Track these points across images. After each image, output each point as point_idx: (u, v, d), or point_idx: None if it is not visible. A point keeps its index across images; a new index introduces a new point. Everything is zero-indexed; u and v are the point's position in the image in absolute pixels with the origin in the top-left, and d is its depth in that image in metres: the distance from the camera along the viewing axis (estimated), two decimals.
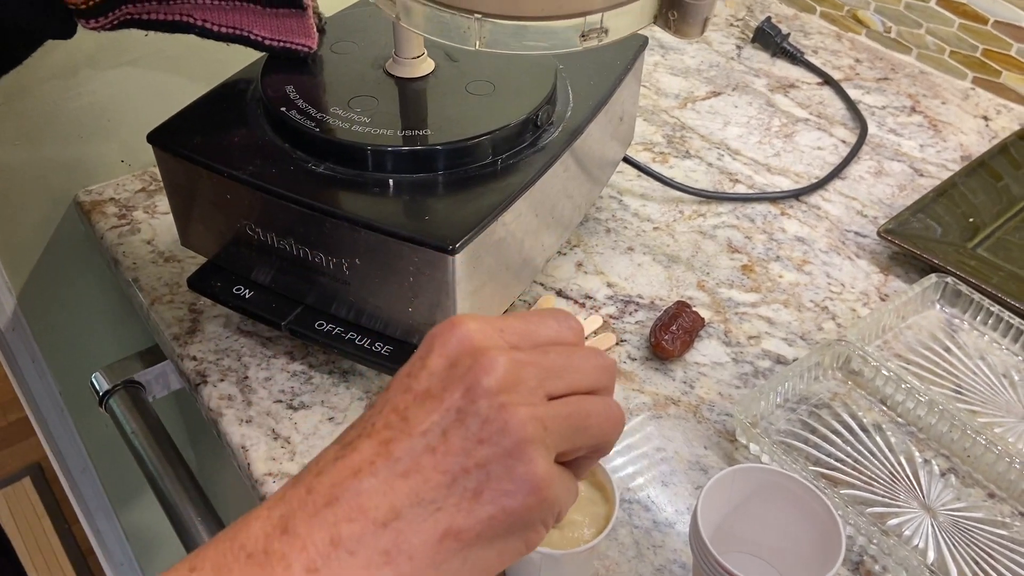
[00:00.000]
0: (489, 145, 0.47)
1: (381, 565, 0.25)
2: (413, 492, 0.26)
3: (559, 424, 0.27)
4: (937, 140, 0.72)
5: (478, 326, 0.28)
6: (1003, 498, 0.46)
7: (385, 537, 0.25)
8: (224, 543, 0.26)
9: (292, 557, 0.25)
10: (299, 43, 0.50)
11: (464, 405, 0.26)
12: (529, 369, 0.27)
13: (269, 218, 0.47)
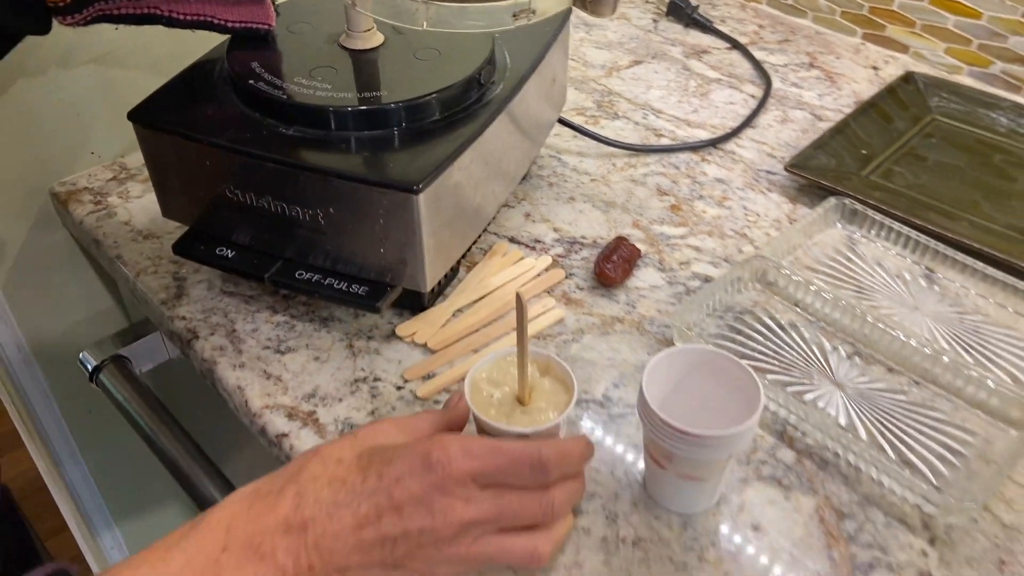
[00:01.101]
0: (439, 102, 0.54)
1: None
2: (360, 563, 0.38)
3: (474, 564, 0.39)
4: (833, 89, 0.81)
5: (461, 475, 0.38)
6: (900, 371, 0.54)
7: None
8: (243, 539, 0.36)
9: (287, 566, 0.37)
10: (259, 23, 0.56)
11: (416, 538, 0.37)
12: (477, 522, 0.38)
13: (247, 180, 0.52)
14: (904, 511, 0.46)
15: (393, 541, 0.38)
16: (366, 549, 0.38)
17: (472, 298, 0.59)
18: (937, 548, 0.45)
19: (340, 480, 0.38)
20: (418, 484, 0.38)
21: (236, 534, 0.37)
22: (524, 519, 0.40)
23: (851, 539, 0.45)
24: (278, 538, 0.37)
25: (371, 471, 0.38)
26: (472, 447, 0.39)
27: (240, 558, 0.36)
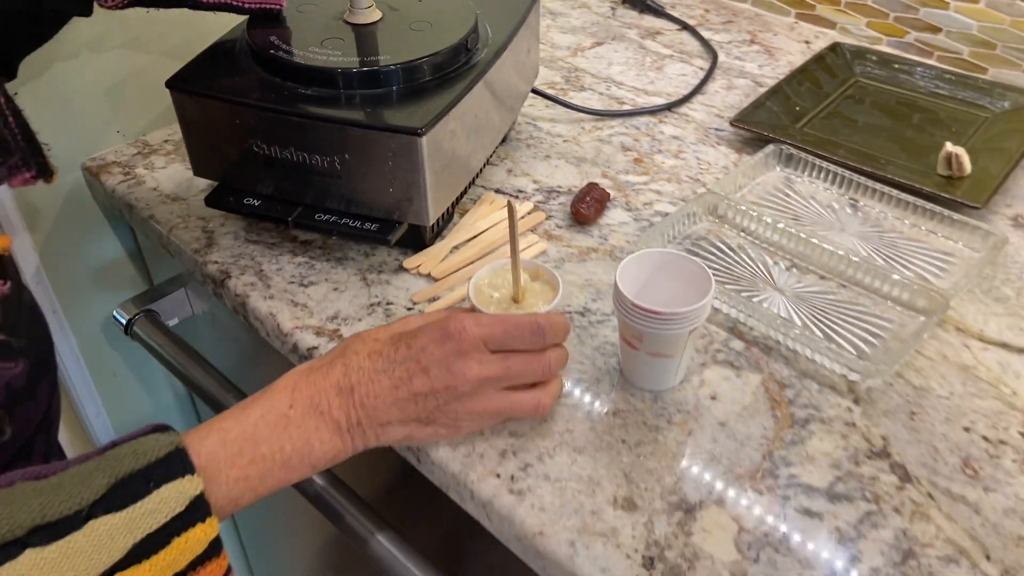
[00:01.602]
0: (432, 65, 0.63)
1: (371, 437, 0.47)
2: (398, 417, 0.47)
3: (490, 414, 0.50)
4: (771, 61, 0.92)
5: (473, 340, 0.47)
6: (830, 278, 0.64)
7: (379, 429, 0.47)
8: (306, 399, 0.46)
9: (341, 422, 0.46)
10: (273, 3, 0.65)
11: (442, 394, 0.47)
12: (489, 380, 0.48)
13: (272, 134, 0.61)
14: (833, 380, 0.56)
15: (424, 397, 0.47)
16: (401, 405, 0.47)
17: (466, 237, 0.69)
18: (860, 405, 0.55)
19: (377, 353, 0.48)
20: (439, 350, 0.47)
21: (299, 395, 0.46)
22: (527, 376, 0.49)
23: (791, 402, 0.55)
24: (332, 398, 0.46)
25: (401, 344, 0.48)
26: (481, 319, 0.48)
27: (304, 413, 0.45)
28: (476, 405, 0.48)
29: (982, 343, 0.59)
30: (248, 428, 0.44)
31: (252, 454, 0.43)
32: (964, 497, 0.49)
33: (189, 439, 0.42)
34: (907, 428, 0.53)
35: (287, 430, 0.45)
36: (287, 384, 0.46)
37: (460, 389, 0.47)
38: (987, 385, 0.56)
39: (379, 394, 0.47)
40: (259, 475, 0.43)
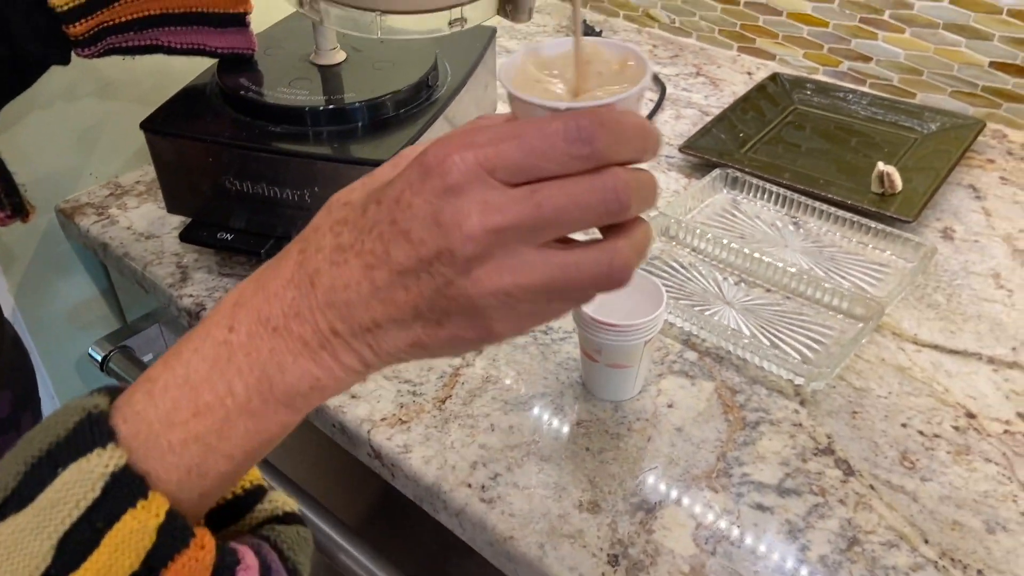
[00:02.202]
0: (394, 102, 0.67)
1: (361, 350, 0.31)
2: (388, 315, 0.30)
3: (528, 295, 0.29)
4: (716, 91, 0.98)
5: (467, 168, 0.28)
6: (775, 291, 0.68)
7: (368, 337, 0.31)
8: (252, 314, 0.31)
9: (306, 336, 0.30)
10: (244, 48, 0.68)
11: (437, 267, 0.28)
12: (509, 232, 0.28)
13: (245, 170, 0.64)
14: (780, 384, 0.60)
15: (414, 276, 0.29)
16: (385, 295, 0.30)
17: None
18: (806, 407, 0.58)
19: (342, 222, 0.31)
20: (420, 197, 0.29)
21: (244, 310, 0.31)
22: (582, 213, 0.29)
23: (742, 407, 0.59)
24: (287, 302, 0.30)
25: (371, 201, 0.30)
26: (477, 135, 0.29)
27: (251, 333, 0.30)
28: (500, 279, 0.29)
29: (916, 346, 0.63)
30: (180, 372, 0.31)
31: (193, 405, 0.30)
32: (903, 487, 0.53)
33: (117, 402, 0.31)
34: (849, 426, 0.57)
35: (231, 363, 0.30)
36: (231, 296, 0.32)
37: (461, 252, 0.28)
38: (921, 384, 0.60)
39: (349, 282, 0.30)
40: (214, 431, 0.30)
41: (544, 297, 0.29)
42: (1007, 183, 0.80)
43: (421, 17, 0.63)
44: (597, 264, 0.29)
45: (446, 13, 0.63)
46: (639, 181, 0.30)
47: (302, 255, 0.31)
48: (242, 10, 0.66)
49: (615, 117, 0.29)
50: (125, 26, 0.62)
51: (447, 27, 0.63)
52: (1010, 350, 0.62)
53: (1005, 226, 0.74)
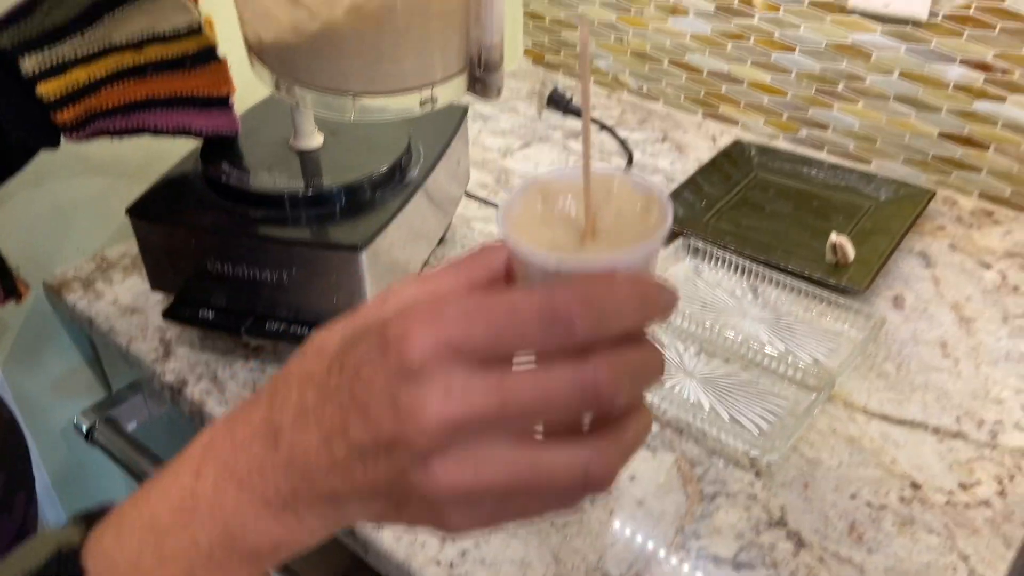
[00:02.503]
0: (370, 185, 0.70)
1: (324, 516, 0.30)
2: (347, 488, 0.28)
3: (489, 495, 0.26)
4: (681, 157, 1.02)
5: (429, 349, 0.25)
6: (734, 361, 0.72)
7: (329, 506, 0.29)
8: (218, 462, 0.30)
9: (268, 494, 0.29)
10: (227, 129, 0.71)
11: (393, 452, 0.26)
12: (471, 425, 0.25)
13: (226, 253, 0.67)
14: (737, 456, 0.63)
15: (372, 456, 0.27)
16: (343, 470, 0.28)
17: None
18: (761, 479, 0.61)
19: (309, 377, 0.29)
20: (379, 374, 0.26)
21: (212, 456, 0.30)
22: (555, 409, 0.26)
23: (700, 479, 0.61)
24: (252, 454, 0.29)
25: (336, 361, 0.28)
26: (445, 309, 0.26)
27: (216, 483, 0.30)
28: (459, 476, 0.26)
29: (866, 416, 0.66)
30: (146, 514, 0.30)
31: (158, 552, 0.29)
32: (851, 559, 0.56)
33: (90, 537, 0.30)
34: (801, 498, 0.60)
35: (195, 512, 0.29)
36: (203, 438, 0.31)
37: (418, 444, 0.26)
38: (870, 454, 0.63)
39: (309, 449, 0.28)
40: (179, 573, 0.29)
41: (509, 498, 0.27)
42: (956, 250, 0.84)
43: (393, 98, 0.65)
44: (569, 469, 0.26)
45: (417, 94, 0.65)
46: (633, 366, 0.26)
47: (270, 404, 0.30)
48: (225, 92, 0.68)
49: (604, 291, 0.26)
50: (112, 111, 0.64)
51: (418, 107, 0.65)
52: (954, 420, 0.65)
53: (953, 294, 0.78)
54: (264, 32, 0.59)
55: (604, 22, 1.13)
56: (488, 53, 0.60)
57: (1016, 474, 0.61)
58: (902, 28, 0.88)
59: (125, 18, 0.59)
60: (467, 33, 0.60)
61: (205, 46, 0.63)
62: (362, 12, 0.55)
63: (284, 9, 0.56)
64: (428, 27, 0.58)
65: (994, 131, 0.87)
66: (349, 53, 0.58)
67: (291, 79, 0.61)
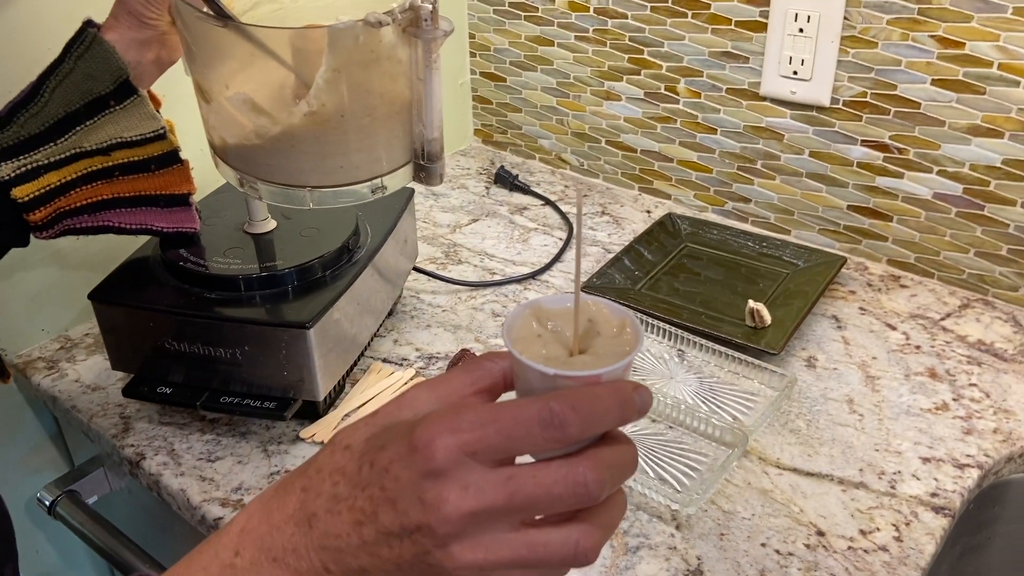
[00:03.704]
0: (320, 265, 0.76)
1: None
2: (374, 565, 0.34)
3: (499, 569, 0.33)
4: (618, 229, 1.09)
5: (450, 454, 0.32)
6: (659, 421, 0.77)
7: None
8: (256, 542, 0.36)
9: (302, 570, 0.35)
10: (188, 227, 0.76)
11: (417, 537, 0.33)
12: (484, 515, 0.32)
13: (183, 333, 0.72)
14: (660, 510, 0.68)
15: (397, 539, 0.33)
16: (372, 549, 0.34)
17: (356, 405, 0.79)
18: (681, 531, 0.66)
19: (340, 471, 0.35)
20: (407, 471, 0.33)
21: (250, 537, 0.36)
22: (552, 501, 0.33)
23: (625, 532, 0.66)
24: (288, 536, 0.35)
25: (366, 459, 0.35)
26: (462, 417, 0.33)
27: (253, 560, 0.35)
28: (473, 555, 0.33)
29: (778, 469, 0.72)
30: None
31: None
32: None
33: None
34: (717, 548, 0.65)
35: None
36: (239, 521, 0.37)
37: (440, 530, 0.33)
38: (780, 505, 0.68)
39: (340, 533, 0.34)
40: None
41: (516, 571, 0.34)
42: (865, 313, 0.91)
43: (347, 188, 0.70)
44: (563, 546, 0.34)
45: (368, 184, 0.71)
46: (613, 462, 0.34)
47: (304, 495, 0.36)
48: (187, 191, 0.73)
49: (590, 399, 0.33)
50: (79, 210, 0.68)
51: (370, 194, 0.71)
52: (857, 471, 0.71)
53: (861, 354, 0.85)
54: (228, 136, 0.65)
55: (546, 105, 1.21)
56: (430, 146, 0.67)
57: (912, 521, 0.66)
58: (808, 113, 0.97)
59: (95, 127, 0.65)
60: (411, 130, 0.66)
61: (169, 150, 0.68)
62: (317, 117, 0.62)
63: (248, 116, 0.63)
64: (375, 127, 0.64)
65: (896, 203, 0.96)
66: (306, 152, 0.64)
67: (253, 176, 0.66)
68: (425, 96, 0.63)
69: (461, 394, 0.37)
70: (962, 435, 0.75)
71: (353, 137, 0.64)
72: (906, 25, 0.87)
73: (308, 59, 0.60)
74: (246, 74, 0.62)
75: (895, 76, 0.90)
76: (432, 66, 0.61)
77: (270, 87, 0.62)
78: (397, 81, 0.62)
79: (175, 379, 0.75)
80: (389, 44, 0.60)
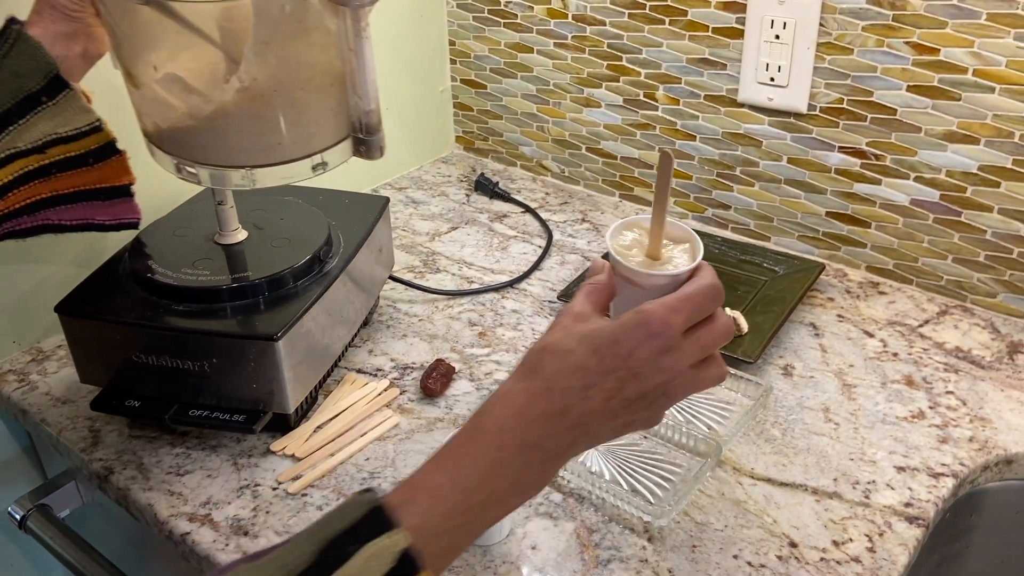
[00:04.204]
0: (291, 275, 0.75)
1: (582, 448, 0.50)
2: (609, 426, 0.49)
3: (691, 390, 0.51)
4: (598, 237, 1.09)
5: (676, 332, 0.48)
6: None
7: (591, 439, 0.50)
8: (517, 436, 0.47)
9: (552, 449, 0.48)
10: (130, 218, 0.72)
11: (653, 393, 0.48)
12: (692, 364, 0.49)
13: (150, 346, 0.71)
14: (632, 522, 0.67)
15: (636, 401, 0.48)
16: (613, 414, 0.48)
17: (328, 416, 0.79)
18: (653, 543, 0.66)
19: (582, 368, 0.47)
20: (648, 351, 0.47)
21: (508, 436, 0.47)
22: (715, 347, 0.50)
23: (596, 545, 0.66)
24: (542, 428, 0.47)
25: (604, 354, 0.47)
26: (671, 304, 0.48)
27: (515, 451, 0.47)
28: (678, 392, 0.49)
29: (752, 479, 0.71)
30: (460, 480, 0.46)
31: (467, 503, 0.46)
32: None
33: (394, 499, 0.45)
34: (689, 560, 0.64)
35: (499, 473, 0.46)
36: (491, 427, 0.48)
37: (669, 384, 0.48)
38: (753, 516, 0.68)
39: (593, 409, 0.47)
40: (475, 518, 0.46)
41: (688, 395, 0.51)
42: (843, 320, 0.91)
43: (287, 167, 0.67)
44: (717, 374, 0.51)
45: (308, 160, 0.67)
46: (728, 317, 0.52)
47: (549, 393, 0.48)
48: (127, 182, 0.71)
49: (715, 279, 0.51)
50: (18, 211, 0.66)
51: (311, 171, 0.68)
52: (832, 480, 0.71)
53: (838, 362, 0.84)
54: (161, 121, 0.64)
55: (526, 112, 1.21)
56: (367, 118, 0.66)
57: (885, 531, 0.66)
58: (786, 119, 0.97)
59: (28, 125, 0.63)
60: (347, 103, 0.65)
61: (106, 142, 0.66)
62: (250, 92, 0.61)
63: (179, 97, 0.62)
64: (309, 101, 0.64)
65: (874, 210, 0.95)
66: (242, 131, 0.63)
67: (190, 160, 0.65)
68: (358, 67, 0.62)
69: (602, 303, 0.53)
70: (938, 444, 0.74)
71: (288, 112, 0.63)
72: (881, 31, 0.87)
73: (234, 35, 0.60)
74: (174, 54, 0.62)
75: (871, 82, 0.90)
76: (362, 35, 0.60)
77: (200, 65, 0.62)
78: (328, 52, 0.62)
79: (144, 392, 0.74)
80: (316, 13, 0.59)
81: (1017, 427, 0.76)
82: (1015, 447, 0.74)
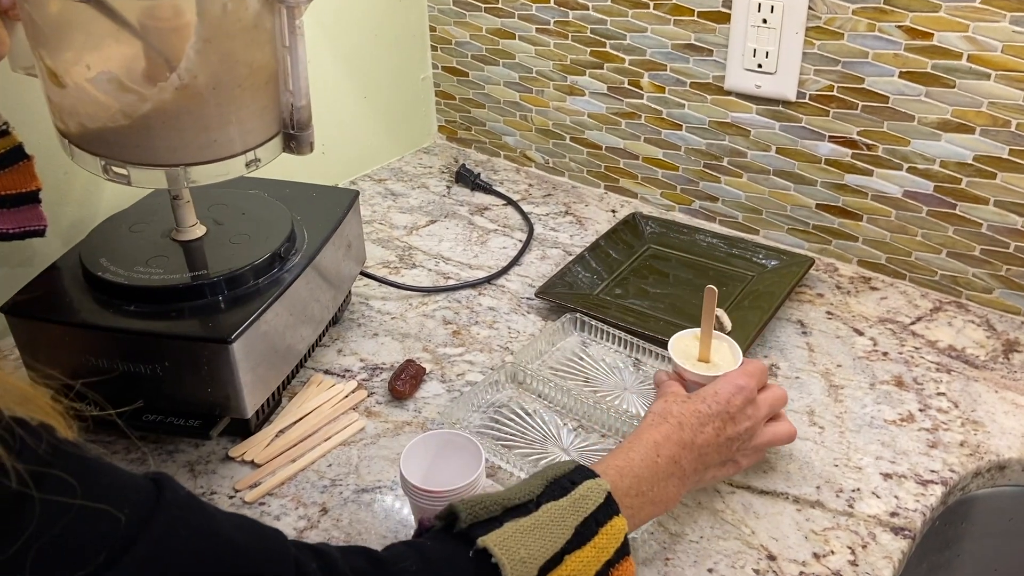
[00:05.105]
0: (251, 273, 0.72)
1: (703, 480, 0.63)
2: (719, 456, 0.63)
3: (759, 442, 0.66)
4: (581, 230, 1.05)
5: (756, 399, 0.65)
6: (610, 436, 0.73)
7: (710, 471, 0.63)
8: (667, 452, 0.59)
9: (687, 469, 0.60)
10: (36, 226, 0.70)
11: (744, 436, 0.63)
12: (764, 416, 0.65)
13: (100, 348, 0.68)
14: None
15: (733, 440, 0.63)
16: (720, 449, 0.62)
17: (292, 420, 0.75)
18: None
19: (695, 411, 0.62)
20: (739, 401, 0.63)
21: (662, 449, 0.59)
22: (777, 407, 0.66)
23: None
24: (680, 451, 0.60)
25: (711, 401, 0.63)
26: (742, 371, 0.65)
27: (666, 463, 0.59)
28: (759, 440, 0.65)
29: (731, 487, 0.68)
30: (635, 468, 0.57)
31: (638, 489, 0.56)
32: None
33: (598, 467, 0.56)
34: (660, 574, 0.61)
35: (656, 475, 0.58)
36: (651, 440, 0.60)
37: (752, 429, 0.64)
38: (731, 527, 0.64)
39: (708, 441, 0.61)
40: (639, 506, 0.56)
41: (769, 446, 0.67)
42: (832, 317, 0.87)
43: (222, 164, 0.65)
44: (787, 430, 0.67)
45: (242, 157, 0.66)
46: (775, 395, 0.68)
47: (680, 426, 0.61)
48: (34, 187, 0.68)
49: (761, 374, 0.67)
50: None
51: (245, 168, 0.66)
52: (814, 488, 0.67)
53: (825, 361, 0.81)
54: (89, 121, 0.61)
55: (509, 101, 1.17)
56: (298, 114, 0.67)
57: (869, 543, 0.62)
58: (774, 108, 0.93)
59: None
60: (279, 100, 0.66)
61: (12, 146, 0.64)
62: (189, 90, 0.59)
63: (114, 96, 0.59)
64: (246, 98, 0.63)
65: (865, 202, 0.91)
66: (179, 129, 0.62)
67: (120, 160, 0.63)
68: (291, 63, 0.64)
69: (683, 392, 0.67)
70: (927, 449, 0.71)
71: (226, 109, 0.62)
72: (872, 15, 0.83)
73: (161, 33, 0.58)
74: (108, 52, 0.59)
75: (862, 68, 0.86)
76: (296, 32, 0.62)
77: (136, 63, 0.59)
78: (263, 49, 0.62)
79: (98, 396, 0.71)
80: (255, 12, 0.60)
81: (1011, 430, 0.73)
82: (1008, 452, 0.71)
